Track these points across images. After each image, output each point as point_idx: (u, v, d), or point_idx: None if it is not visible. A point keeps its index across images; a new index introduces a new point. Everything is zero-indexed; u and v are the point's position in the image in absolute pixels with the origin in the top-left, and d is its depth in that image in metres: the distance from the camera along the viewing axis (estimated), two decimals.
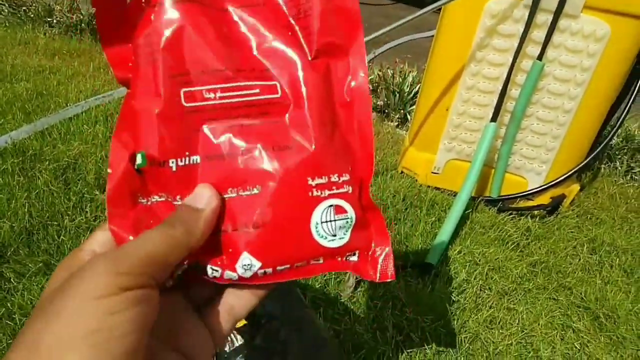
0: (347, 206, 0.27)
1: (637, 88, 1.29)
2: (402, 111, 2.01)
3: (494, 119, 1.29)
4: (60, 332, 0.18)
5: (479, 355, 0.98)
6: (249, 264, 0.26)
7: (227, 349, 0.57)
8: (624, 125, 1.85)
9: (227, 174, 0.26)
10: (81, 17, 2.47)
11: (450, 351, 0.97)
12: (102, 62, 2.11)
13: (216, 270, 0.26)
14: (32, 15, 2.54)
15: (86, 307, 0.18)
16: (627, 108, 1.31)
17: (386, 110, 2.05)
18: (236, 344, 0.57)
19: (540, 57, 1.23)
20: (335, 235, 0.27)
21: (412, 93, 2.00)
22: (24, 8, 2.57)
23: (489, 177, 1.47)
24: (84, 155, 1.35)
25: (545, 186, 1.42)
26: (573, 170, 1.38)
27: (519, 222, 1.40)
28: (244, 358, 0.57)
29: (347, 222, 0.27)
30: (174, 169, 0.25)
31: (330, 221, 0.27)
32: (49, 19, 2.52)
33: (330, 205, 0.27)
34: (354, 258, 0.28)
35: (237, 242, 0.26)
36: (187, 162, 0.26)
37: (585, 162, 1.39)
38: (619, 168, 1.82)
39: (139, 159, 0.25)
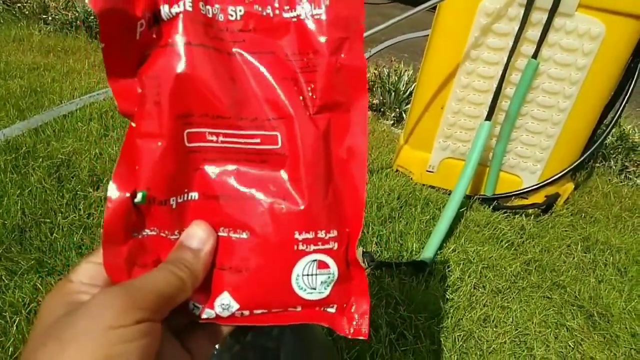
0: (330, 262, 0.28)
1: (631, 87, 1.29)
2: (397, 110, 2.01)
3: (488, 117, 1.29)
4: (76, 356, 0.20)
5: (473, 354, 0.98)
6: (227, 304, 0.27)
7: (217, 346, 0.56)
8: (619, 124, 1.85)
9: (221, 215, 0.27)
10: (76, 14, 2.45)
11: (444, 349, 0.97)
12: (97, 60, 2.10)
13: (197, 307, 0.27)
14: (26, 12, 2.53)
15: (102, 335, 0.20)
16: (621, 107, 1.31)
17: (382, 109, 2.05)
18: (227, 342, 0.57)
19: (535, 56, 1.23)
20: (314, 289, 0.28)
21: (408, 92, 2.00)
22: (18, 5, 2.56)
23: (483, 175, 1.47)
24: (78, 153, 1.34)
25: (540, 185, 1.42)
26: (567, 169, 1.39)
27: (514, 220, 1.40)
28: (235, 356, 0.57)
29: (329, 277, 0.28)
30: (174, 206, 0.27)
31: (312, 275, 0.28)
32: (44, 16, 2.50)
33: (314, 260, 0.27)
34: (332, 310, 0.29)
35: (219, 280, 0.27)
36: (185, 199, 0.27)
37: (579, 160, 1.39)
38: (614, 167, 1.83)
39: (139, 197, 0.25)
